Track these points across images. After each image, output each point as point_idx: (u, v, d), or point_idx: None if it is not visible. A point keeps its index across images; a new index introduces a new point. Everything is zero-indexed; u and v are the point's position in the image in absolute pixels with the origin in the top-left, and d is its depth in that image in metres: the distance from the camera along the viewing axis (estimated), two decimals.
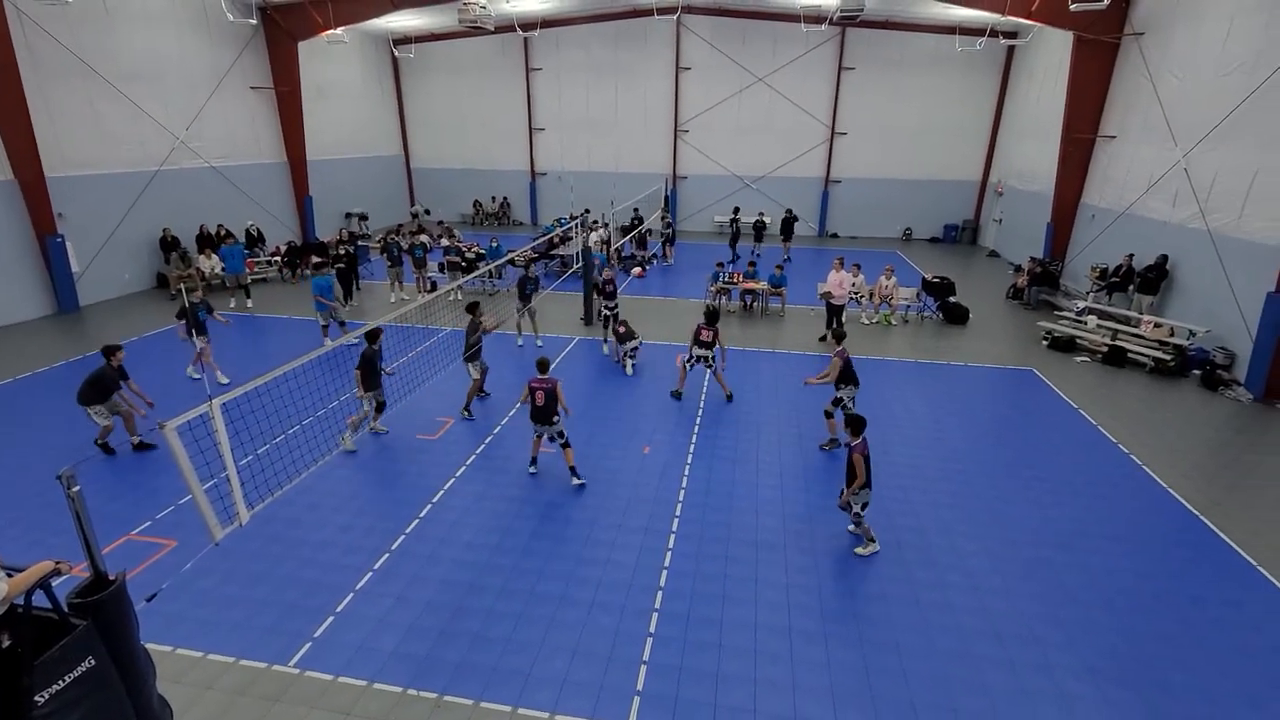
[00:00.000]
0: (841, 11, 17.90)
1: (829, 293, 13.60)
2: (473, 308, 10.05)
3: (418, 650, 5.57)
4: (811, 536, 7.22)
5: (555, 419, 7.87)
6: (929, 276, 16.26)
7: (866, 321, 15.08)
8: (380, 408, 9.11)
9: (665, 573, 6.59)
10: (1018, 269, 18.82)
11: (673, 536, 7.18)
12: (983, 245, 24.78)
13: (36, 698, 3.11)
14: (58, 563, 3.41)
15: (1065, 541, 7.19)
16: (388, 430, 9.41)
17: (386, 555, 6.79)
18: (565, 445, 8.07)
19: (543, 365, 8.01)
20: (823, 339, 13.72)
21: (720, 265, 16.54)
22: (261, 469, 7.06)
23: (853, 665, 5.48)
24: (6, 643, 3.21)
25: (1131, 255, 14.63)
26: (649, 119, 26.40)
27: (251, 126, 20.20)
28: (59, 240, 14.53)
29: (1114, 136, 16.19)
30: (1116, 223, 15.81)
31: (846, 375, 8.77)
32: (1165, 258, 13.58)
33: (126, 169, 16.38)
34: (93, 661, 3.39)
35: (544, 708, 5.03)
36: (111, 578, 3.62)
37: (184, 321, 10.80)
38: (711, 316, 10.47)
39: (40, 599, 3.36)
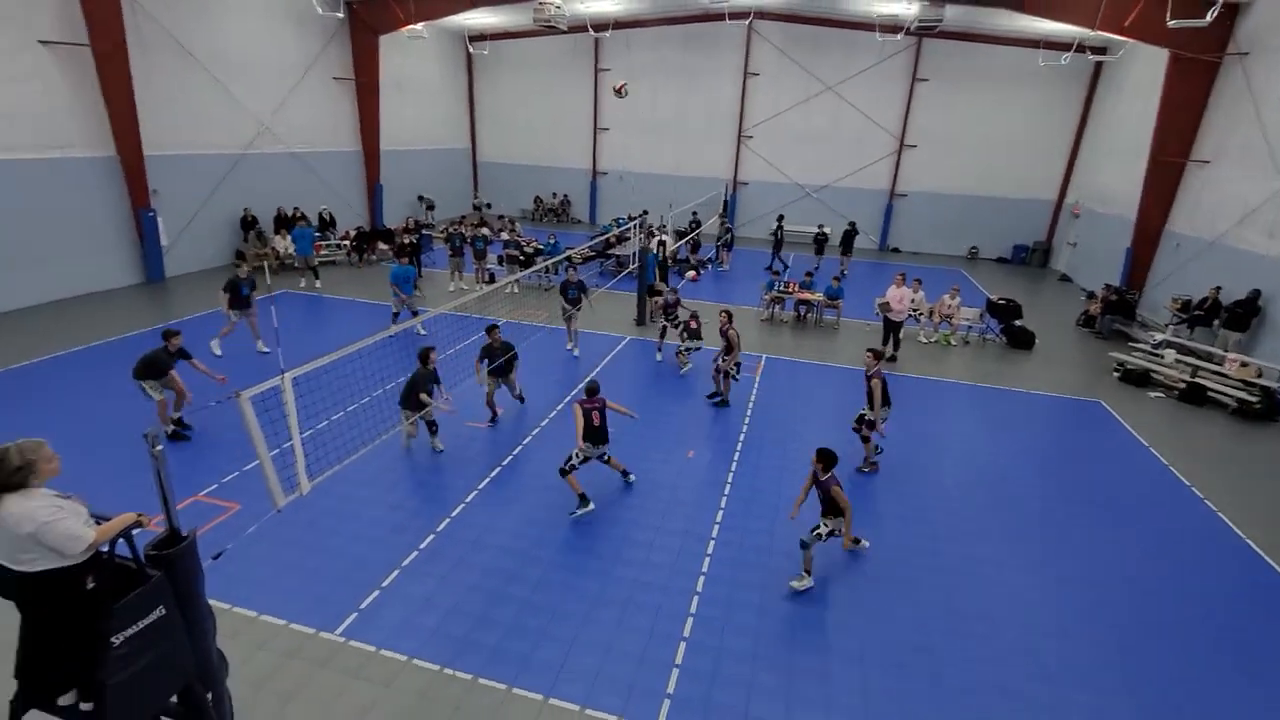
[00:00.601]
0: (919, 22, 17.48)
1: (886, 303, 13.25)
2: (425, 355, 8.49)
3: (456, 631, 5.71)
4: (856, 555, 7.07)
5: (608, 440, 7.71)
6: (994, 298, 15.67)
7: (924, 340, 14.65)
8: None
9: (702, 578, 6.57)
10: (1091, 295, 17.93)
11: (712, 543, 7.14)
12: (1054, 269, 23.72)
13: (113, 639, 3.34)
14: (140, 515, 3.64)
15: (1126, 584, 6.82)
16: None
17: (432, 536, 6.99)
18: (609, 459, 7.91)
19: (592, 390, 7.69)
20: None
21: (775, 274, 16.34)
22: (323, 443, 7.37)
23: (889, 691, 5.34)
24: (91, 584, 3.46)
25: (1219, 288, 13.74)
26: (713, 123, 26.33)
27: (331, 116, 21.11)
28: (151, 214, 15.51)
29: (1208, 161, 15.24)
30: (1204, 252, 14.88)
31: (884, 397, 8.46)
32: (1258, 293, 12.70)
33: (216, 151, 17.36)
34: (163, 611, 3.61)
35: (575, 700, 5.08)
36: (184, 534, 3.85)
37: (228, 295, 11.27)
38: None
39: (122, 548, 3.61)
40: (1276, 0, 13.48)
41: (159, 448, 3.67)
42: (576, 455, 7.49)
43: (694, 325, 11.85)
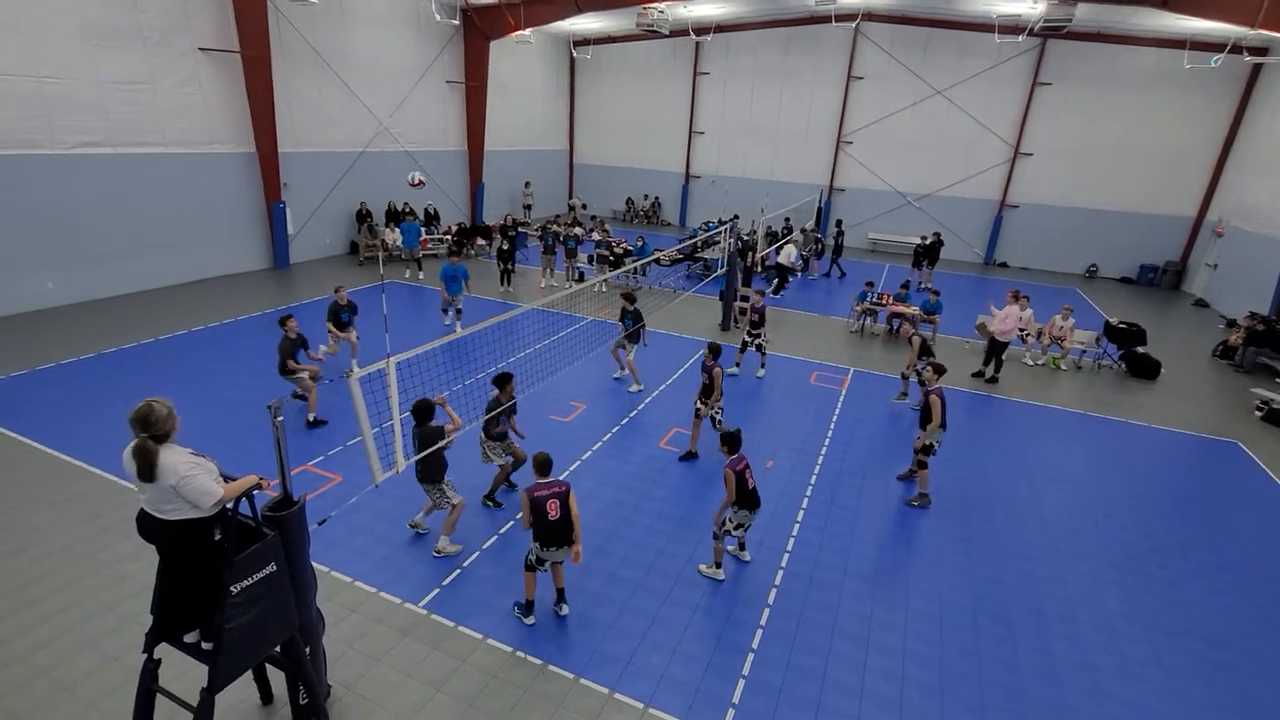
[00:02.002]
0: (1045, 22, 16.35)
1: (982, 325, 12.48)
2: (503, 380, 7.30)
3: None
4: (938, 581, 6.72)
5: (575, 534, 5.59)
6: (1114, 321, 14.39)
7: (1030, 362, 13.67)
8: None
9: (774, 591, 6.45)
10: (1232, 324, 16.10)
11: (786, 556, 7.00)
12: (1188, 292, 21.48)
13: (232, 588, 3.70)
14: (260, 478, 4.02)
15: (1251, 646, 6.09)
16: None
17: (511, 523, 7.26)
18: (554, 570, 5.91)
19: (543, 464, 5.59)
20: (978, 374, 12.62)
21: (869, 285, 15.78)
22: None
23: None
24: (218, 536, 3.86)
25: None
26: (811, 127, 25.73)
27: (442, 117, 22.33)
28: (281, 206, 17.00)
29: None
30: None
31: (939, 417, 7.79)
32: None
33: (339, 149, 18.79)
34: (274, 567, 3.97)
35: (639, 698, 5.13)
36: (295, 499, 4.22)
37: (332, 321, 10.72)
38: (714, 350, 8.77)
39: (243, 508, 3.99)
40: None
41: (280, 419, 4.04)
42: (530, 551, 5.73)
43: (755, 319, 11.69)
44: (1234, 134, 20.48)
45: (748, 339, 11.82)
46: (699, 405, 8.80)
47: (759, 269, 19.08)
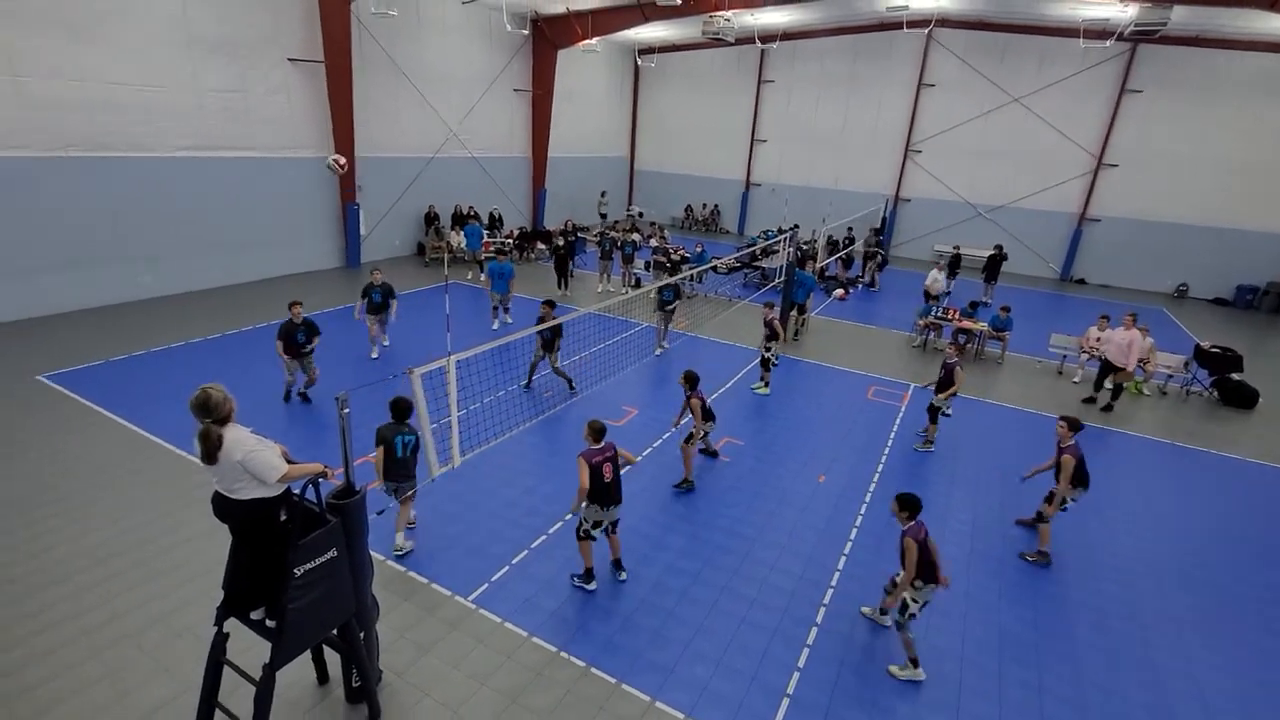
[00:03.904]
0: (1136, 26, 15.47)
1: (1091, 347, 11.83)
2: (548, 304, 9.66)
3: (574, 618, 5.95)
4: (998, 610, 6.39)
5: (621, 500, 6.22)
6: (1205, 345, 13.40)
7: (1108, 385, 12.83)
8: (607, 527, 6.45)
9: (823, 610, 6.28)
10: None
11: (837, 574, 6.81)
12: None
13: (296, 569, 3.89)
14: (326, 467, 4.21)
15: None
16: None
17: (560, 524, 7.33)
18: (613, 530, 6.38)
19: (598, 431, 6.05)
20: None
21: (934, 299, 15.24)
22: (474, 422, 8.03)
23: None
24: (284, 517, 4.06)
25: None
26: (878, 136, 25.12)
27: (508, 124, 22.95)
28: (356, 208, 17.81)
29: None
30: None
31: (1078, 475, 7.01)
32: None
33: (411, 154, 19.56)
34: (335, 552, 4.15)
35: (681, 708, 5.08)
36: (357, 489, 4.40)
37: (364, 300, 11.09)
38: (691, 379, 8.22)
39: (309, 495, 4.19)
40: None
41: (345, 410, 4.22)
42: (585, 519, 6.18)
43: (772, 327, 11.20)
44: None
45: (765, 352, 11.31)
46: (692, 430, 8.22)
47: (821, 279, 18.73)
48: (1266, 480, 9.65)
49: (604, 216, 27.83)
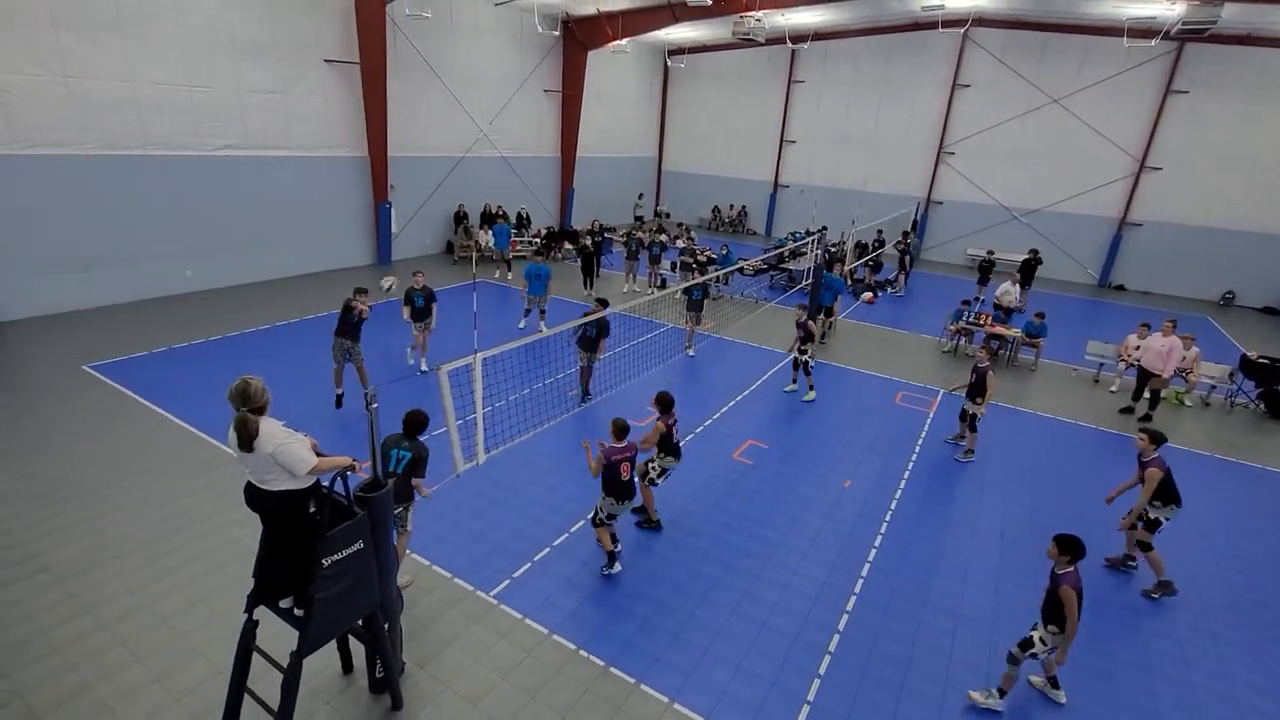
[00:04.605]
0: (1184, 24, 14.97)
1: (1129, 355, 11.55)
2: (601, 303, 9.49)
3: (594, 617, 5.96)
4: (1024, 623, 6.23)
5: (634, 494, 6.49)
6: (1252, 355, 12.89)
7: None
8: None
9: (846, 617, 6.20)
10: None
11: (861, 582, 6.71)
12: None
13: (324, 560, 3.97)
14: (354, 460, 4.28)
15: None
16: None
17: (581, 522, 7.36)
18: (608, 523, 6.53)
19: (621, 430, 6.35)
20: (1126, 410, 11.61)
21: (966, 304, 14.93)
22: (499, 420, 8.10)
23: None
24: (313, 509, 4.14)
25: None
26: (910, 138, 24.71)
27: (538, 124, 23.13)
28: (387, 207, 18.12)
29: None
30: None
31: (1165, 492, 6.65)
32: None
33: (442, 154, 19.84)
34: (362, 545, 4.22)
35: (699, 711, 5.06)
36: (384, 482, 4.47)
37: (408, 307, 10.75)
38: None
39: (337, 487, 4.27)
40: None
41: (374, 404, 4.30)
42: (600, 509, 6.48)
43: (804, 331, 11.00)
44: None
45: (798, 356, 11.20)
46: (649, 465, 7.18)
47: (850, 282, 18.50)
48: None
49: (640, 219, 27.99)
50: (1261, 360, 12.57)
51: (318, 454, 4.12)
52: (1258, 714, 5.44)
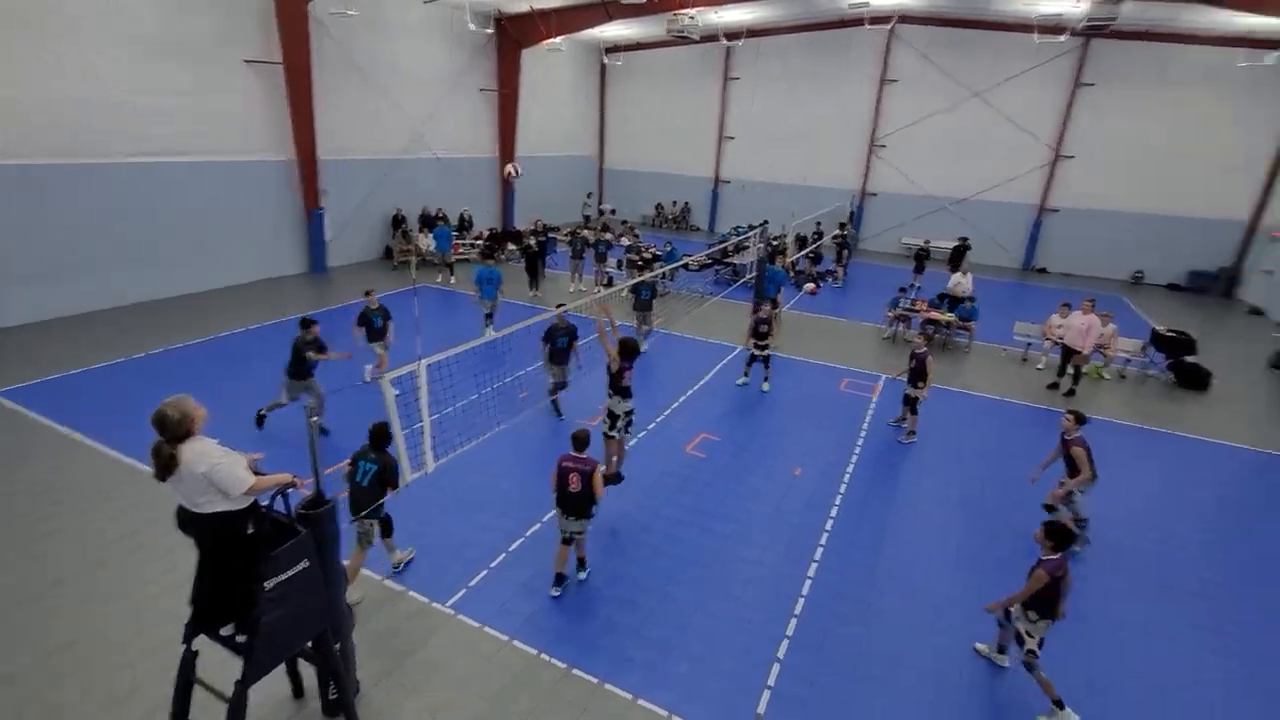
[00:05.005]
0: (1088, 21, 15.92)
1: (1053, 334, 12.24)
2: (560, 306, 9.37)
3: (553, 621, 5.92)
4: (972, 595, 6.53)
5: (593, 512, 6.12)
6: (1161, 329, 13.88)
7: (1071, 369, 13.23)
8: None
9: (802, 601, 6.35)
10: None
11: (815, 566, 6.89)
12: (1241, 300, 20.62)
13: (266, 582, 3.79)
14: (293, 478, 4.11)
15: None
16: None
17: (537, 525, 7.29)
18: (575, 540, 6.26)
19: (578, 440, 6.12)
20: (1052, 386, 12.27)
21: (903, 290, 15.50)
22: (447, 427, 7.90)
23: None
24: (251, 530, 3.96)
25: None
26: (843, 132, 25.45)
27: (474, 124, 22.72)
28: (319, 212, 17.45)
29: None
30: None
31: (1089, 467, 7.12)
32: None
33: (375, 156, 19.23)
34: (307, 563, 4.05)
35: (663, 706, 5.09)
36: (328, 498, 4.31)
37: (362, 328, 10.33)
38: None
39: (277, 505, 4.09)
40: None
41: (314, 418, 4.14)
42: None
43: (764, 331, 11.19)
44: None
45: (755, 350, 11.35)
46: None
47: (792, 274, 18.93)
48: (1220, 458, 10.03)
49: (588, 218, 27.90)
50: (1170, 334, 13.54)
51: (256, 472, 3.94)
52: (1168, 656, 5.85)
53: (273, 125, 16.15)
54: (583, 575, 6.46)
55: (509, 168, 9.87)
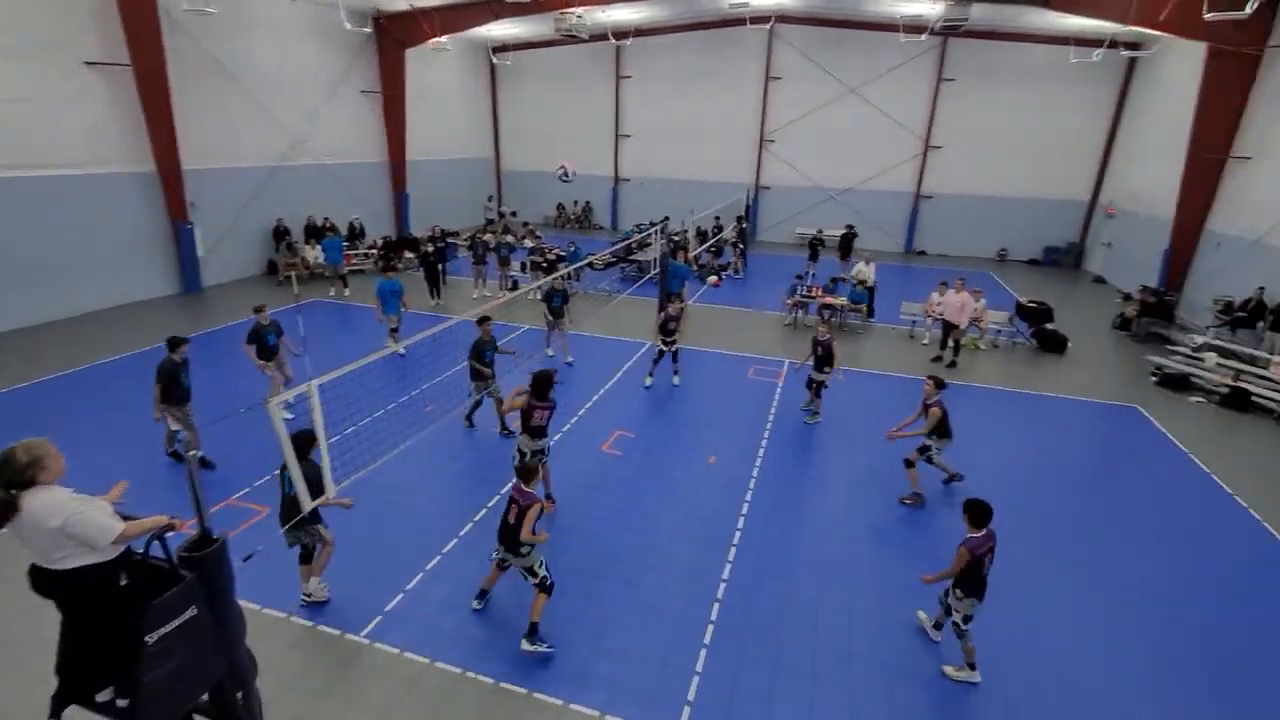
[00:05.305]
0: (944, 21, 17.27)
1: (933, 311, 13.22)
2: (482, 320, 9.31)
3: (477, 635, 5.77)
4: (878, 561, 6.97)
5: (523, 550, 5.57)
6: (1024, 300, 15.35)
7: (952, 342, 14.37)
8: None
9: (724, 585, 6.54)
10: (1127, 298, 17.42)
11: (734, 549, 7.11)
12: (1088, 270, 23.15)
13: (147, 637, 3.44)
14: (172, 518, 3.75)
15: (1165, 594, 6.62)
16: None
17: (455, 541, 7.08)
18: (540, 588, 5.64)
19: (523, 472, 5.71)
20: (936, 359, 13.23)
21: (799, 278, 16.25)
22: (348, 448, 7.50)
23: (913, 701, 5.25)
24: (124, 581, 3.58)
25: (1262, 289, 13.27)
26: (734, 128, 26.30)
27: (359, 128, 21.61)
28: (189, 227, 16.02)
29: (1249, 158, 14.76)
30: (1246, 252, 14.40)
31: (942, 427, 7.85)
32: None
33: (250, 164, 17.88)
34: (195, 611, 3.71)
35: (595, 707, 5.09)
36: (215, 537, 3.96)
37: (253, 346, 9.52)
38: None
39: (155, 550, 3.72)
40: None
41: (192, 452, 3.80)
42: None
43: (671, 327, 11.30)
44: (1117, 123, 22.24)
45: (663, 346, 11.37)
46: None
47: (695, 268, 19.35)
48: (1078, 412, 11.23)
49: (490, 221, 27.22)
50: (1031, 304, 15.00)
51: (125, 517, 3.57)
52: (1058, 599, 6.51)
53: (128, 134, 14.64)
54: (476, 606, 6.01)
55: (563, 167, 9.55)
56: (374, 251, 20.08)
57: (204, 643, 3.79)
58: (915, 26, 20.91)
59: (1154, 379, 12.65)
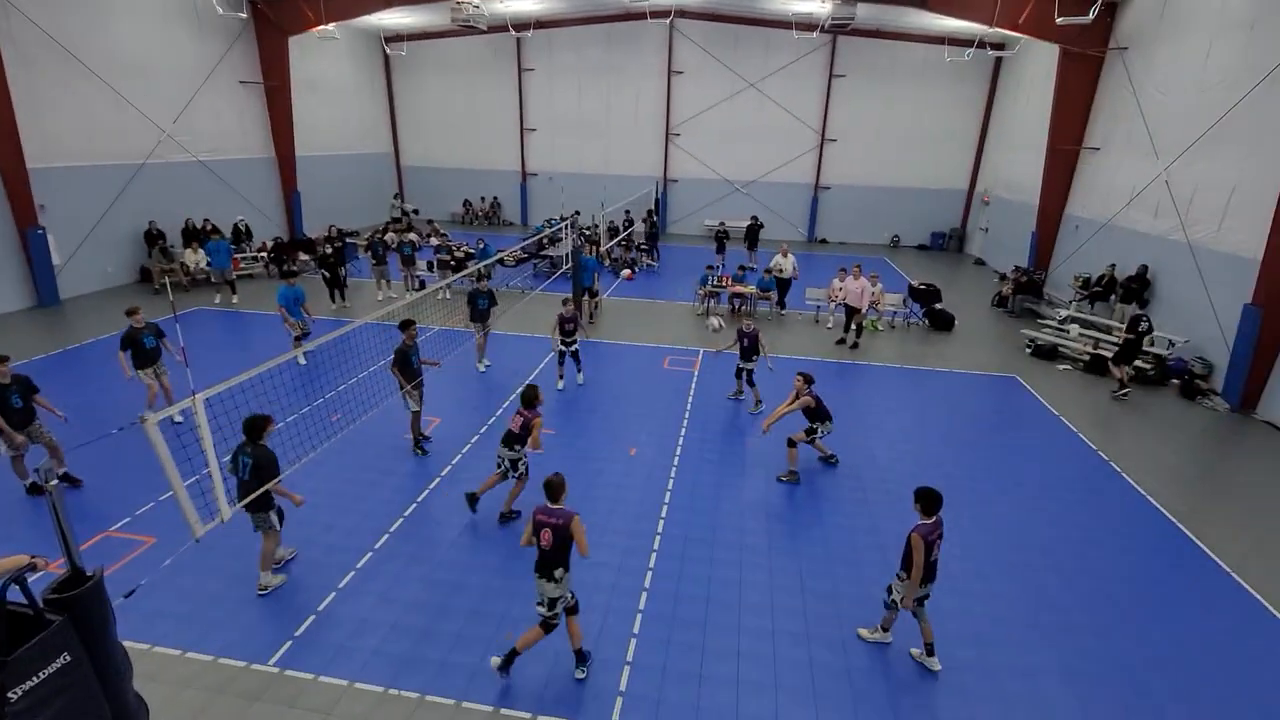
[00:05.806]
0: (832, 19, 18.08)
1: (835, 296, 13.90)
2: (406, 325, 8.72)
3: (400, 649, 5.54)
4: (795, 538, 7.28)
5: (557, 575, 5.05)
6: (915, 283, 16.43)
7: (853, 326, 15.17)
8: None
9: (650, 574, 6.61)
10: (1003, 277, 19.07)
11: (658, 538, 7.20)
12: (969, 253, 25.09)
13: (9, 694, 3.06)
14: (33, 558, 3.36)
15: (1046, 546, 7.30)
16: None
17: (370, 554, 6.75)
18: (571, 611, 5.25)
19: (550, 486, 5.18)
20: (840, 342, 13.92)
21: (710, 268, 16.61)
22: None
23: (834, 667, 5.53)
24: None
25: (1113, 265, 14.87)
26: (640, 121, 26.48)
27: (240, 121, 20.03)
28: (40, 232, 14.31)
29: (1098, 148, 16.47)
30: (1100, 233, 16.08)
31: (819, 413, 8.32)
32: (1145, 268, 13.83)
33: (111, 161, 16.17)
34: (68, 657, 3.34)
35: (527, 709, 5.02)
36: (89, 573, 3.57)
37: (128, 352, 8.76)
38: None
39: (15, 595, 3.31)
40: None
41: (53, 483, 3.40)
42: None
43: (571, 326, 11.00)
44: (989, 117, 24.18)
45: (563, 347, 11.05)
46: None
47: (607, 262, 19.37)
48: (966, 384, 12.17)
49: (395, 220, 25.99)
50: (921, 286, 16.07)
51: None
52: (953, 558, 7.03)
53: None
54: (583, 675, 5.33)
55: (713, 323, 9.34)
56: (264, 255, 18.74)
57: (83, 691, 3.42)
58: (807, 24, 21.82)
59: (1028, 350, 13.90)
